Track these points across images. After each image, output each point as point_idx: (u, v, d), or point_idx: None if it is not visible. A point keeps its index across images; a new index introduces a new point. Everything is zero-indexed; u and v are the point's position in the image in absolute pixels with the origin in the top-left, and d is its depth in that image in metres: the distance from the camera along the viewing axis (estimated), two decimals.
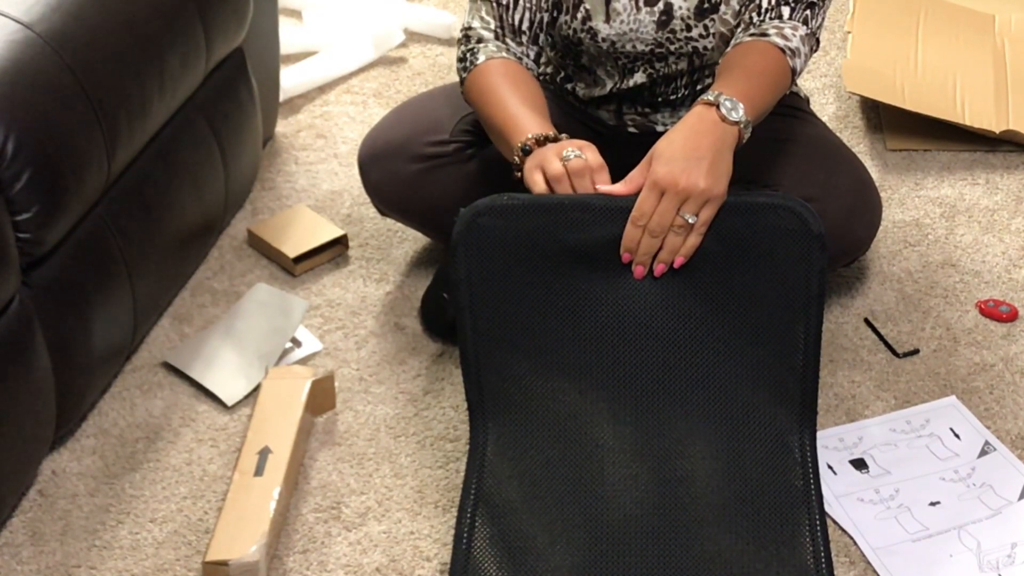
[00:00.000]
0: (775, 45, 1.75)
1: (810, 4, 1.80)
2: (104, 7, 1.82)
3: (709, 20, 1.86)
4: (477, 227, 1.67)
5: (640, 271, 1.67)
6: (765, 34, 1.76)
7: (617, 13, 1.87)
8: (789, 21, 1.78)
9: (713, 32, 1.87)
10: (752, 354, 1.69)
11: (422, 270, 2.17)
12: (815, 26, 1.81)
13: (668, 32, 1.87)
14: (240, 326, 2.03)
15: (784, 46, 1.75)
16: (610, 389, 1.69)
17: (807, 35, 1.79)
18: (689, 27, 1.86)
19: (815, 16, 1.81)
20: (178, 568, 1.69)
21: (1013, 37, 2.64)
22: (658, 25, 1.87)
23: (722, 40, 1.87)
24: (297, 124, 2.55)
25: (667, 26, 1.87)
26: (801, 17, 1.79)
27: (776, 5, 1.79)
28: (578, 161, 1.65)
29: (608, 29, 1.88)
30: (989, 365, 1.97)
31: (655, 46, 1.90)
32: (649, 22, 1.87)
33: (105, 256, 1.85)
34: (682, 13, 1.86)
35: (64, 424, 1.81)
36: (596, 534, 1.61)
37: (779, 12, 1.79)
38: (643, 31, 1.88)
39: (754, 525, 1.62)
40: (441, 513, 1.76)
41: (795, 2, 1.79)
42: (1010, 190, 2.33)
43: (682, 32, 1.87)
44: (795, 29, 1.77)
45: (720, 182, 1.63)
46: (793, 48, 1.75)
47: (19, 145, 1.63)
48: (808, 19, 1.80)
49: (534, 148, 1.70)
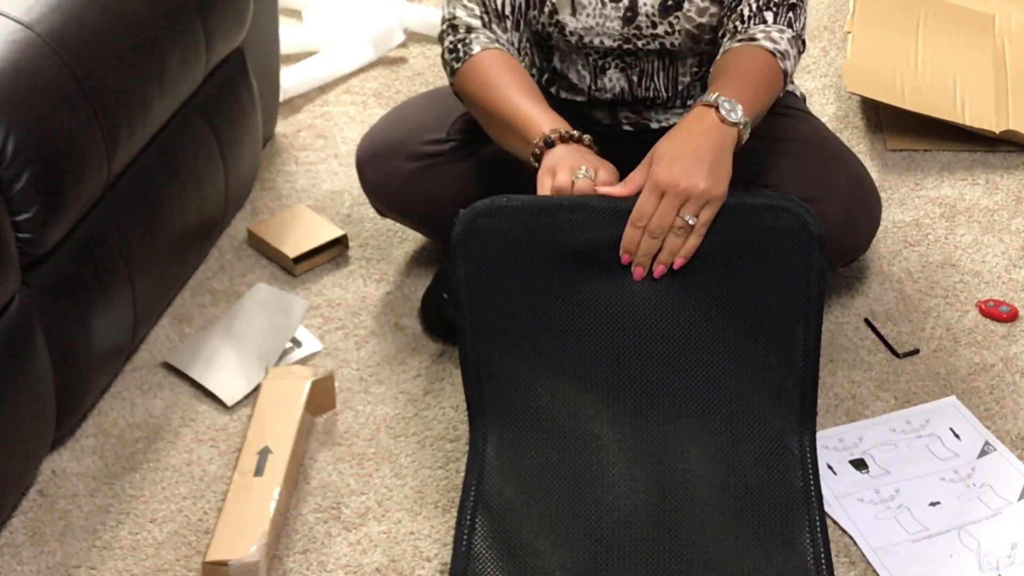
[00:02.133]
0: (765, 49, 1.75)
1: (791, 6, 1.81)
2: (104, 7, 1.82)
3: (673, 17, 1.87)
4: (477, 228, 1.67)
5: (639, 272, 1.67)
6: (754, 39, 1.77)
7: (583, 7, 1.88)
8: (775, 25, 1.79)
9: (679, 29, 1.87)
10: (752, 355, 1.69)
11: (422, 270, 2.17)
12: (799, 28, 1.82)
13: (634, 28, 1.88)
14: (240, 326, 2.03)
15: (774, 49, 1.76)
16: (609, 390, 1.69)
17: (793, 37, 1.79)
18: (654, 23, 1.87)
19: (797, 18, 1.82)
20: (178, 568, 1.69)
21: (1013, 37, 2.64)
22: (623, 21, 1.88)
23: (689, 37, 1.88)
24: (297, 124, 2.55)
25: (632, 22, 1.88)
26: (785, 20, 1.80)
27: (758, 11, 1.80)
28: (585, 182, 1.66)
29: (575, 22, 1.89)
30: (989, 365, 1.97)
31: (623, 41, 1.90)
32: (615, 17, 1.88)
33: (105, 256, 1.85)
34: (646, 10, 1.87)
35: (64, 424, 1.81)
36: (596, 535, 1.61)
37: (762, 17, 1.80)
38: (609, 26, 1.89)
39: (754, 526, 1.62)
40: (441, 513, 1.76)
41: (776, 7, 1.80)
42: (1010, 190, 2.33)
43: (648, 28, 1.88)
44: (781, 32, 1.78)
45: (720, 183, 1.63)
46: (782, 51, 1.76)
47: (19, 145, 1.63)
48: (792, 22, 1.81)
49: (558, 143, 1.70)
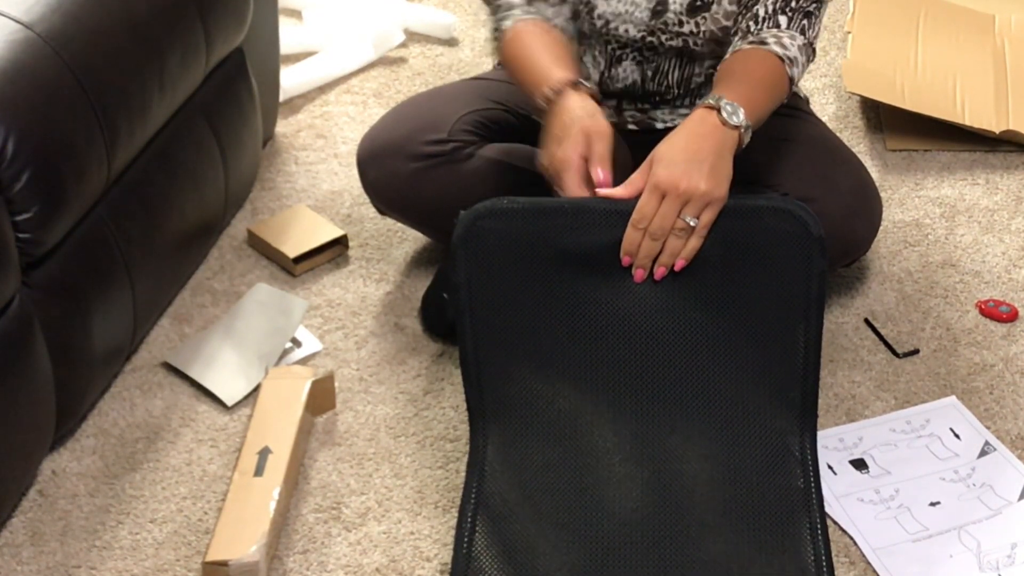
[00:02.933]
0: (774, 53, 1.75)
1: (807, 13, 1.80)
2: (104, 7, 1.82)
3: (700, 17, 1.86)
4: (477, 230, 1.67)
5: (640, 274, 1.67)
6: (764, 42, 1.76)
7: None
8: (787, 31, 1.78)
9: (704, 30, 1.87)
10: (752, 356, 1.69)
11: (422, 270, 2.17)
12: (812, 36, 1.81)
13: (661, 23, 1.88)
14: (240, 326, 2.03)
15: (783, 55, 1.75)
16: (610, 392, 1.69)
17: (804, 45, 1.79)
18: (681, 22, 1.87)
19: (812, 26, 1.81)
20: (178, 568, 1.69)
21: (1013, 37, 2.64)
22: (652, 13, 1.88)
23: (712, 39, 1.88)
24: (297, 124, 2.55)
25: (661, 16, 1.88)
26: (798, 27, 1.79)
27: (773, 14, 1.80)
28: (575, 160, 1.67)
29: (605, 5, 1.90)
30: (989, 365, 1.97)
31: (647, 33, 1.91)
32: (645, 8, 1.89)
33: (105, 256, 1.85)
34: (675, 7, 1.87)
35: (64, 424, 1.81)
36: (596, 537, 1.61)
37: (776, 21, 1.79)
38: (638, 15, 1.89)
39: (755, 527, 1.62)
40: (441, 513, 1.76)
41: (792, 12, 1.80)
42: (1010, 190, 2.33)
43: (674, 26, 1.88)
44: (793, 39, 1.77)
45: (721, 185, 1.63)
46: (791, 57, 1.76)
47: (19, 145, 1.62)
48: (805, 29, 1.80)
49: (564, 89, 1.72)
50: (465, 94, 2.06)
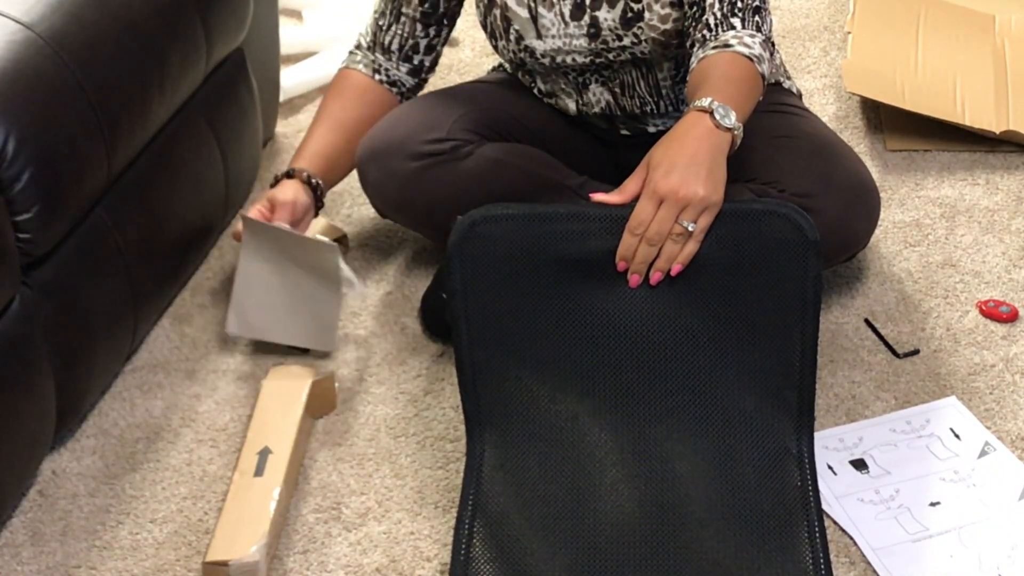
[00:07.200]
0: (742, 55, 1.75)
1: (755, 10, 1.81)
2: (104, 7, 1.82)
3: (637, 28, 1.89)
4: (473, 236, 1.67)
5: (636, 279, 1.67)
6: (728, 45, 1.76)
7: (547, 29, 1.92)
8: (744, 31, 1.78)
9: (644, 38, 1.90)
10: (749, 360, 1.69)
11: (422, 270, 2.17)
12: (767, 31, 1.82)
13: (600, 43, 1.91)
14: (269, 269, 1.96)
15: (751, 54, 1.75)
16: (607, 397, 1.69)
17: (764, 40, 1.79)
18: (619, 36, 1.89)
19: (764, 20, 1.82)
20: (178, 568, 1.69)
21: (1013, 37, 2.64)
22: (589, 37, 1.92)
23: (657, 44, 1.90)
24: (297, 124, 2.55)
25: (598, 37, 1.91)
26: (752, 25, 1.80)
27: (724, 19, 1.80)
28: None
29: (543, 45, 1.93)
30: (989, 365, 1.97)
31: (593, 56, 1.94)
32: (579, 35, 1.92)
33: (105, 256, 1.85)
34: (608, 24, 1.89)
35: (64, 424, 1.81)
36: (594, 541, 1.61)
37: (730, 24, 1.79)
38: (576, 43, 1.92)
39: (753, 529, 1.62)
40: (441, 513, 1.76)
41: (741, 12, 1.80)
42: (1010, 190, 2.33)
43: (614, 41, 1.90)
44: (752, 37, 1.77)
45: (718, 189, 1.63)
46: (758, 55, 1.76)
47: (19, 145, 1.63)
48: (759, 25, 1.80)
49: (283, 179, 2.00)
50: (464, 96, 2.07)
